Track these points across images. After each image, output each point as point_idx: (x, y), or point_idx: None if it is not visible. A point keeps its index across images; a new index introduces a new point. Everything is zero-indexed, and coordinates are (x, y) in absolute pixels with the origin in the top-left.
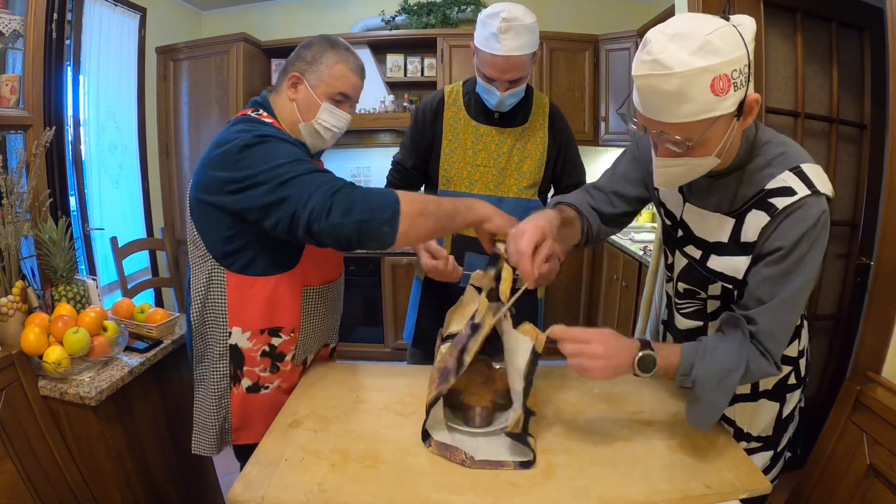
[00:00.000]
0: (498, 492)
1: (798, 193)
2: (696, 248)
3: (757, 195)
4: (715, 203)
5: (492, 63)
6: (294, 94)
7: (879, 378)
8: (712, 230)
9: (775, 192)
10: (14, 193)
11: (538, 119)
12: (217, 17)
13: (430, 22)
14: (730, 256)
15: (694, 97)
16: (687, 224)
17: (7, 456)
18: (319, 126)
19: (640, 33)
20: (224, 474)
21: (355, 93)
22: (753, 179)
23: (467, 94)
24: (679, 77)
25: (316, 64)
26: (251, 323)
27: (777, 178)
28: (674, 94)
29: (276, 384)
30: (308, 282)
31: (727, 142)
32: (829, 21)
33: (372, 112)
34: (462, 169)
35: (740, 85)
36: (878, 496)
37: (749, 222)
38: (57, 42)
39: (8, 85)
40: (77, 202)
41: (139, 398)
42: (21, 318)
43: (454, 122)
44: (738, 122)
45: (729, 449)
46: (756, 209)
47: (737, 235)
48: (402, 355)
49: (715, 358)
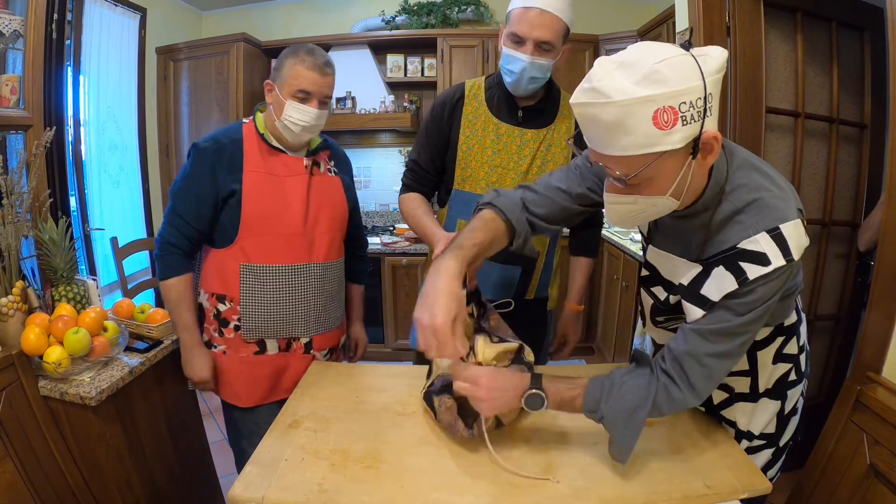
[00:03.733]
0: (498, 492)
1: (772, 264)
2: (662, 288)
3: (728, 252)
4: (681, 247)
5: (524, 17)
6: (270, 98)
7: (880, 378)
8: (677, 273)
9: (748, 256)
10: (14, 193)
11: (565, 122)
12: (217, 18)
13: (431, 22)
14: (690, 305)
15: (634, 129)
16: (652, 264)
17: (7, 456)
18: (287, 121)
19: (640, 33)
20: (224, 474)
21: (315, 88)
22: (725, 228)
23: (490, 90)
24: (617, 107)
25: (280, 70)
26: (207, 286)
27: (753, 238)
28: (612, 125)
29: (222, 348)
30: (247, 259)
31: (683, 181)
32: (829, 21)
33: (372, 112)
34: (479, 169)
35: (691, 119)
36: (879, 496)
37: (714, 278)
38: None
39: (8, 85)
40: (77, 202)
41: (139, 398)
42: (21, 318)
43: (474, 117)
44: (696, 161)
45: (729, 449)
46: (724, 267)
47: (697, 285)
48: (402, 355)
49: (622, 395)
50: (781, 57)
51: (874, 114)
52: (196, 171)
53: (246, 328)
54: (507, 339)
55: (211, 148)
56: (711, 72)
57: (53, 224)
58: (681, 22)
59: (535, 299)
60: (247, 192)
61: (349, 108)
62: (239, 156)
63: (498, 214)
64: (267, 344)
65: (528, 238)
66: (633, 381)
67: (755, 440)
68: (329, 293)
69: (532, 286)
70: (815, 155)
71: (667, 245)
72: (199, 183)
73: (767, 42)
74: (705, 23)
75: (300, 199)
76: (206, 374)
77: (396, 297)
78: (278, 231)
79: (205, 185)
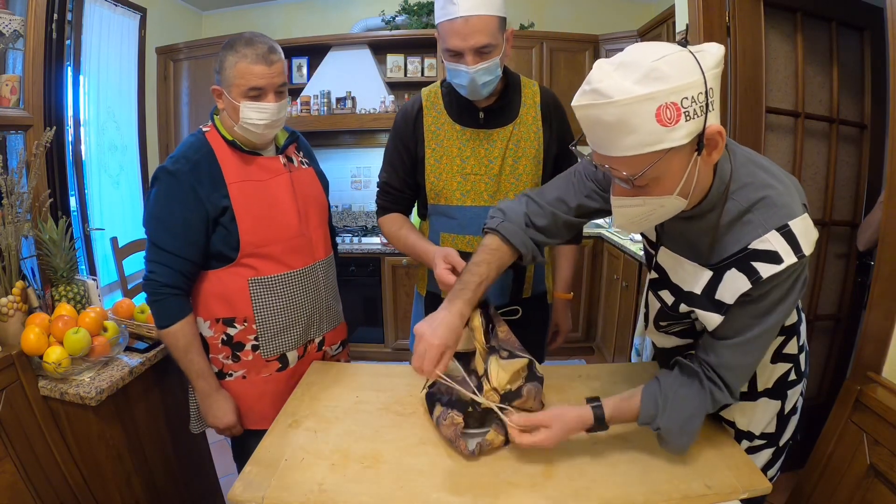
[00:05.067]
0: (498, 492)
1: (784, 262)
2: (670, 293)
3: (739, 253)
4: (690, 250)
5: (451, 29)
6: (222, 104)
7: (880, 378)
8: (688, 279)
9: (760, 255)
10: (14, 193)
11: (529, 112)
12: (217, 17)
13: (431, 22)
14: (702, 310)
15: (638, 128)
16: (662, 267)
17: (7, 456)
18: (247, 124)
19: (640, 33)
20: (224, 474)
21: (266, 81)
22: (734, 230)
23: (447, 95)
24: (619, 106)
25: (223, 72)
26: (208, 312)
27: (763, 238)
28: (615, 125)
29: (241, 374)
30: (255, 273)
31: (690, 179)
32: (829, 21)
33: (372, 112)
34: (451, 180)
35: (693, 115)
36: (879, 496)
37: (727, 282)
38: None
39: (8, 85)
40: (77, 202)
41: (139, 398)
42: (21, 318)
43: (436, 127)
44: (701, 157)
45: (729, 449)
46: (737, 269)
47: (711, 291)
48: (402, 355)
49: (676, 407)
50: (781, 57)
51: (874, 114)
52: (175, 196)
53: (265, 347)
54: (516, 353)
55: (184, 168)
56: (710, 66)
57: (53, 224)
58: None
59: (533, 296)
60: (237, 205)
61: (349, 108)
62: (216, 169)
63: (503, 242)
64: (288, 357)
65: (535, 255)
66: (685, 391)
67: (756, 440)
68: (332, 287)
69: (527, 284)
70: (815, 155)
71: (676, 248)
72: (184, 208)
73: (767, 42)
74: (705, 23)
75: (289, 200)
76: (232, 419)
77: (396, 297)
78: (279, 237)
79: (190, 209)
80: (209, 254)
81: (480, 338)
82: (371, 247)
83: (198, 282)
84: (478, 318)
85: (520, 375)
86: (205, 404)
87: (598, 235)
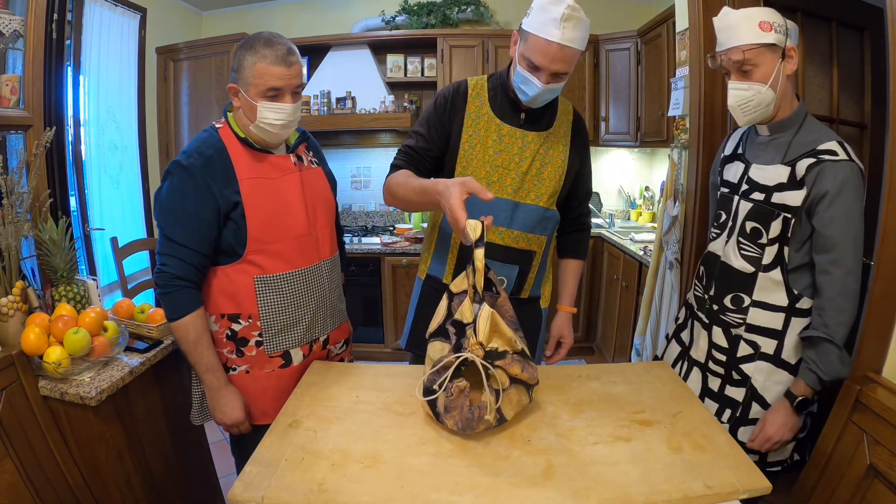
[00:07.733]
0: (498, 492)
1: (840, 156)
2: (760, 192)
3: (808, 151)
4: (772, 157)
5: (545, 50)
6: (238, 102)
7: (880, 378)
8: (772, 177)
9: (823, 151)
10: (14, 193)
11: (562, 126)
12: (217, 17)
13: (431, 22)
14: (787, 192)
15: (748, 30)
16: (752, 179)
17: (7, 456)
18: (263, 124)
19: (640, 33)
20: (224, 474)
21: (284, 82)
22: (804, 142)
23: (493, 90)
24: (738, 17)
25: (241, 71)
26: (213, 308)
27: (826, 143)
28: (736, 26)
29: (244, 368)
30: (261, 271)
31: (777, 79)
32: (829, 21)
33: (372, 112)
34: (480, 168)
35: (780, 33)
36: (879, 496)
37: (800, 166)
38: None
39: (8, 85)
40: (77, 202)
41: (139, 398)
42: (21, 318)
43: (476, 116)
44: (783, 66)
45: (729, 449)
46: (806, 157)
47: (793, 177)
48: (402, 355)
49: (826, 321)
50: None
51: (874, 114)
52: (188, 190)
53: (269, 343)
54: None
55: (198, 163)
56: (792, 27)
57: (53, 224)
58: (681, 22)
59: (528, 298)
60: (248, 201)
61: (349, 108)
62: (229, 165)
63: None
64: (292, 354)
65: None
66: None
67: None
68: (336, 286)
69: (528, 285)
70: None
71: (761, 160)
72: (197, 202)
73: None
74: (705, 23)
75: (298, 199)
76: (241, 414)
77: (396, 297)
78: (287, 236)
79: (202, 203)
80: (219, 248)
81: (480, 280)
82: (371, 247)
83: (209, 278)
84: (482, 259)
85: (508, 342)
86: (213, 399)
87: (598, 235)
